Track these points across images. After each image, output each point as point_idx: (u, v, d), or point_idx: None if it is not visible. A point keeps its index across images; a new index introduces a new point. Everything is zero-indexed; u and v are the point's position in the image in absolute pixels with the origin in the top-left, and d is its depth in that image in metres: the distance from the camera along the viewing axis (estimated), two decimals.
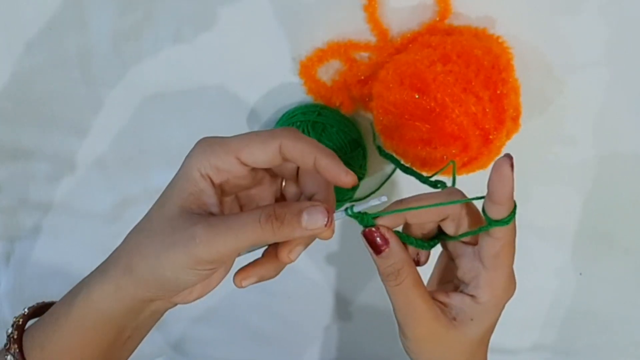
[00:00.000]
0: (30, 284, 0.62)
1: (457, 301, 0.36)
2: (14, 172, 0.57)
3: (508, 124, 0.44)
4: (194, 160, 0.33)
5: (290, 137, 0.32)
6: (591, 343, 0.59)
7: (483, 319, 0.36)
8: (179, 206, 0.32)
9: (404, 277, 0.35)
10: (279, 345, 0.63)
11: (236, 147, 0.32)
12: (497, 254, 0.34)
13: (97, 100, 0.54)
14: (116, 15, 0.51)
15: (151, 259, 0.32)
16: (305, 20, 0.50)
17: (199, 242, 0.31)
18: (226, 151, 0.33)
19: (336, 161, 0.32)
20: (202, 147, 0.33)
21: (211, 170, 0.33)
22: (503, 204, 0.33)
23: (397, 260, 0.35)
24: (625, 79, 0.49)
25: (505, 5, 0.48)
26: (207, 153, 0.33)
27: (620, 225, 0.54)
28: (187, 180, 0.33)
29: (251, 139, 0.33)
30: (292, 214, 0.32)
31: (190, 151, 0.34)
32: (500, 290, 0.35)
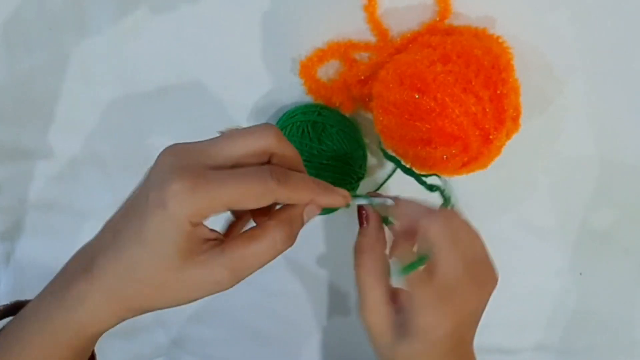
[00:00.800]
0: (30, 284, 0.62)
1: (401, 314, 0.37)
2: (14, 172, 0.57)
3: (508, 124, 0.44)
4: (181, 217, 0.29)
5: (287, 191, 0.31)
6: (591, 343, 0.59)
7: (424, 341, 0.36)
8: (180, 257, 0.30)
9: (366, 259, 0.37)
10: (279, 345, 0.63)
11: (228, 201, 0.29)
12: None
13: (97, 100, 0.54)
14: (116, 15, 0.51)
15: (162, 305, 0.32)
16: (305, 20, 0.50)
17: (224, 285, 0.31)
18: (216, 206, 0.29)
19: (331, 194, 0.34)
20: (185, 201, 0.29)
21: (201, 219, 0.30)
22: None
23: (368, 241, 0.37)
24: (626, 79, 0.49)
25: (505, 5, 0.48)
26: (194, 209, 0.29)
27: (620, 225, 0.54)
28: (181, 234, 0.29)
29: (245, 193, 0.29)
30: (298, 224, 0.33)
31: (165, 195, 0.29)
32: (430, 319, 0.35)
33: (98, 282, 0.31)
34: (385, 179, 0.54)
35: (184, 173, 0.29)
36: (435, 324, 0.35)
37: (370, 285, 0.37)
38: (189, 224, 0.29)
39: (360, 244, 0.38)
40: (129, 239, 0.30)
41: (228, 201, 0.29)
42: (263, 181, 0.30)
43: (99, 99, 0.54)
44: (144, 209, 0.30)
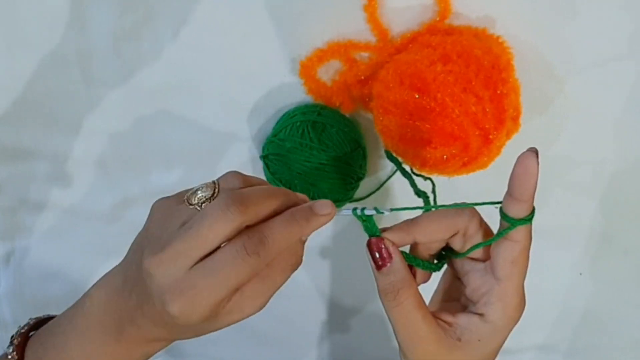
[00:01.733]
0: (30, 284, 0.62)
1: (463, 321, 0.34)
2: (14, 172, 0.57)
3: (508, 124, 0.44)
4: (196, 316, 0.31)
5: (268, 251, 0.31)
6: (591, 343, 0.59)
7: (490, 340, 0.34)
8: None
9: (404, 298, 0.33)
10: (278, 345, 0.63)
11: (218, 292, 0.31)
12: (515, 259, 0.33)
13: (97, 100, 0.54)
14: (116, 15, 0.51)
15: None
16: (305, 20, 0.50)
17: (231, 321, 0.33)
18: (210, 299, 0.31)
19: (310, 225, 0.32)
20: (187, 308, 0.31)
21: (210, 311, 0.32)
22: (526, 200, 0.31)
23: (398, 278, 0.34)
24: (625, 79, 0.49)
25: (505, 5, 0.47)
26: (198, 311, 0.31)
27: (620, 225, 0.54)
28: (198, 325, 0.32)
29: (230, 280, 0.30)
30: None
31: (171, 314, 0.31)
32: (512, 307, 0.34)
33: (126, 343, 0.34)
34: (385, 179, 0.54)
35: (177, 294, 0.30)
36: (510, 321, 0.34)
37: (421, 319, 0.34)
38: (202, 320, 0.31)
39: (393, 283, 0.34)
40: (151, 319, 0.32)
41: (219, 292, 0.30)
42: (241, 262, 0.30)
43: (99, 99, 0.54)
44: (158, 313, 0.31)
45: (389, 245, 0.34)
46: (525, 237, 0.33)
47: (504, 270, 0.33)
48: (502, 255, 0.33)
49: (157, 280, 0.30)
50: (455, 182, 0.47)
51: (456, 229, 0.34)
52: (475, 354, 0.34)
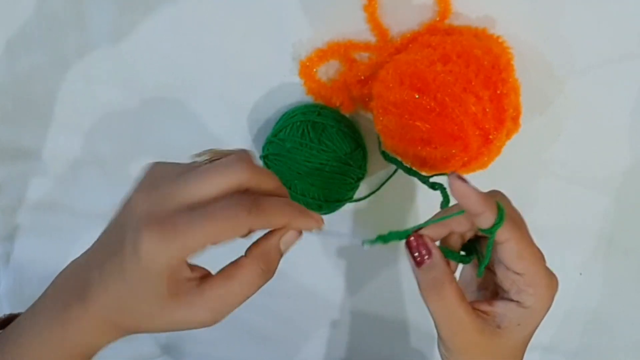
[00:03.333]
0: (30, 284, 0.62)
1: (501, 308, 0.35)
2: (14, 172, 0.57)
3: (508, 124, 0.44)
4: (158, 261, 0.29)
5: (260, 220, 0.31)
6: (590, 343, 0.59)
7: (530, 322, 0.35)
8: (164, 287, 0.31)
9: (447, 292, 0.34)
10: (278, 345, 0.63)
11: (202, 242, 0.29)
12: (519, 253, 0.33)
13: (97, 100, 0.54)
14: (116, 15, 0.51)
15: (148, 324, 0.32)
16: (305, 20, 0.50)
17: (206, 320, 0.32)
18: (191, 249, 0.30)
19: (305, 218, 0.33)
20: (157, 241, 0.29)
21: (180, 262, 0.31)
22: (482, 212, 0.32)
23: (440, 273, 0.34)
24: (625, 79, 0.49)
25: (505, 5, 0.47)
26: (169, 253, 0.29)
27: (620, 225, 0.54)
28: (158, 280, 0.30)
29: (218, 231, 0.29)
30: (276, 256, 0.33)
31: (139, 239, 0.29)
32: (543, 289, 0.34)
33: (92, 309, 0.32)
34: (385, 179, 0.54)
35: (154, 221, 0.29)
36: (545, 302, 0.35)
37: (464, 311, 0.34)
38: (166, 271, 0.30)
39: (435, 278, 0.34)
40: (113, 276, 0.31)
41: (201, 242, 0.29)
42: (234, 215, 0.30)
43: (98, 99, 0.54)
44: (121, 252, 0.30)
45: (428, 242, 0.35)
46: (510, 234, 0.33)
47: (517, 266, 0.34)
48: (505, 257, 0.34)
49: (138, 212, 0.30)
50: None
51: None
52: (515, 337, 0.35)
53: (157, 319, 0.32)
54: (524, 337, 0.35)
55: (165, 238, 0.29)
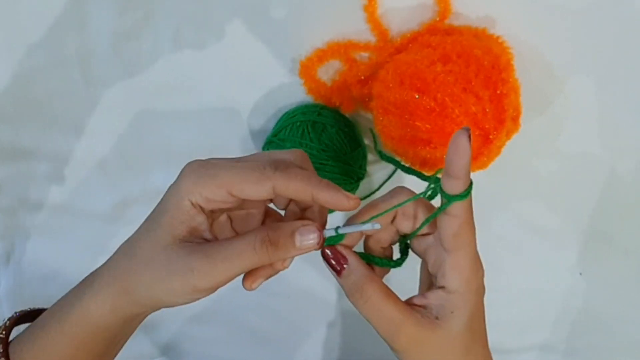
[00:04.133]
0: (30, 284, 0.62)
1: (433, 299, 0.35)
2: (14, 172, 0.57)
3: (508, 124, 0.44)
4: (184, 190, 0.32)
5: (283, 178, 0.32)
6: (591, 343, 0.59)
7: (462, 307, 0.34)
8: (171, 235, 0.33)
9: (370, 293, 0.34)
10: (279, 345, 0.63)
11: (228, 182, 0.32)
12: (457, 233, 0.33)
13: (97, 100, 0.54)
14: (116, 15, 0.51)
15: (149, 285, 0.33)
16: (305, 20, 0.50)
17: (197, 274, 0.32)
18: (218, 185, 0.32)
19: (334, 191, 0.32)
20: (191, 177, 0.33)
21: (202, 200, 0.33)
22: (460, 177, 0.32)
23: (359, 276, 0.34)
24: (626, 79, 0.49)
25: (505, 5, 0.47)
26: (198, 185, 0.32)
27: (620, 225, 0.54)
28: (179, 209, 0.33)
29: (244, 177, 0.32)
30: (286, 237, 0.33)
31: (178, 178, 0.33)
32: (467, 272, 0.34)
33: (105, 267, 0.35)
34: (385, 179, 0.54)
35: (198, 162, 0.33)
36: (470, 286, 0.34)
37: (392, 307, 0.34)
38: (188, 201, 0.32)
39: (355, 282, 0.34)
40: (139, 230, 0.34)
41: (226, 183, 0.32)
42: (261, 167, 0.32)
43: (99, 99, 0.54)
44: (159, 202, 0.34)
45: (341, 249, 0.35)
46: (464, 211, 0.33)
47: (449, 243, 0.34)
48: (444, 230, 0.34)
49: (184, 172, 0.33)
50: None
51: (393, 212, 0.36)
52: (456, 326, 0.34)
53: (156, 261, 0.32)
54: (464, 324, 0.34)
55: (200, 168, 0.32)
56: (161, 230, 0.33)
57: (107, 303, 0.34)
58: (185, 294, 0.32)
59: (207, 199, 0.32)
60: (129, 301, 0.34)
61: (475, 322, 0.35)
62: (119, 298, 0.34)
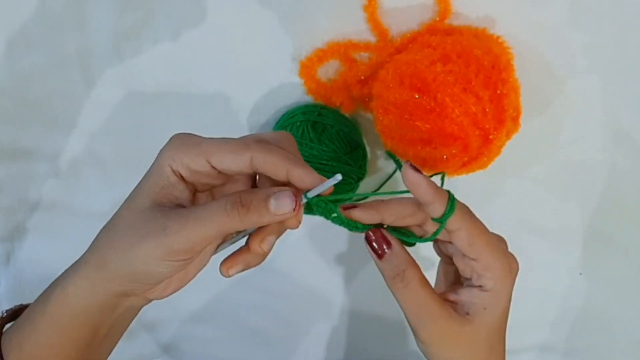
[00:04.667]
0: (30, 284, 0.62)
1: (466, 296, 0.35)
2: (14, 172, 0.57)
3: (508, 124, 0.44)
4: (166, 156, 0.33)
5: (262, 150, 0.32)
6: (591, 343, 0.59)
7: (495, 304, 0.35)
8: (150, 200, 0.33)
9: (411, 277, 0.34)
10: (278, 345, 0.62)
11: (207, 150, 0.33)
12: (471, 241, 0.34)
13: (97, 100, 0.54)
14: (116, 15, 0.51)
15: (123, 252, 0.32)
16: (305, 20, 0.50)
17: (169, 233, 0.31)
18: (197, 152, 0.33)
19: (307, 170, 0.32)
20: (174, 144, 0.34)
21: (182, 168, 0.33)
22: (432, 201, 0.33)
23: (401, 260, 0.35)
24: (625, 79, 0.49)
25: (505, 5, 0.48)
26: (179, 151, 0.33)
27: (620, 225, 0.54)
28: (159, 175, 0.33)
29: (223, 146, 0.33)
30: (259, 200, 0.32)
31: (163, 146, 0.34)
32: (500, 271, 0.35)
33: (89, 251, 0.34)
34: (385, 180, 0.54)
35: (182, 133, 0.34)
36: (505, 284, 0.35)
37: (430, 296, 0.35)
38: (168, 167, 0.33)
39: (397, 266, 0.35)
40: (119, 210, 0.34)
41: (205, 151, 0.32)
42: (242, 140, 0.33)
43: (99, 99, 0.54)
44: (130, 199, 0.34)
45: (386, 234, 0.35)
46: (462, 221, 0.34)
47: (471, 253, 0.34)
48: (459, 244, 0.35)
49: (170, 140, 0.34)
50: (455, 182, 0.47)
51: (422, 219, 0.36)
52: (486, 322, 0.35)
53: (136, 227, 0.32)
54: (495, 322, 0.35)
55: (187, 139, 0.33)
56: (141, 195, 0.33)
57: (85, 281, 0.33)
58: (159, 257, 0.32)
59: (187, 167, 0.33)
60: (105, 277, 0.33)
61: (503, 321, 0.36)
62: (96, 274, 0.33)
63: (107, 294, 0.34)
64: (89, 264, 0.34)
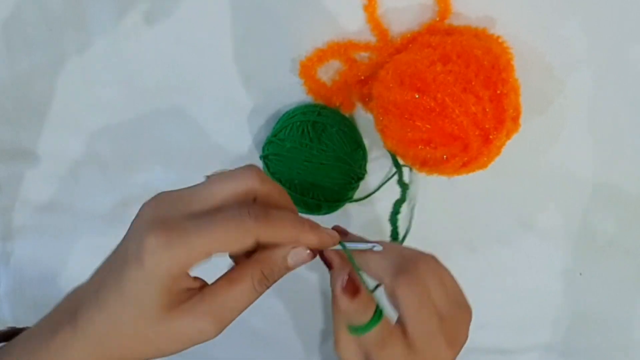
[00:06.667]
0: (30, 285, 0.62)
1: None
2: (14, 172, 0.57)
3: (508, 124, 0.44)
4: (161, 266, 0.29)
5: (265, 230, 0.30)
6: (591, 343, 0.59)
7: None
8: (160, 310, 0.30)
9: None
10: (279, 346, 0.62)
11: (205, 250, 0.29)
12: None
13: (97, 100, 0.54)
14: (116, 15, 0.51)
15: (144, 356, 0.31)
16: (305, 20, 0.50)
17: (207, 330, 0.31)
18: (195, 257, 0.29)
19: (317, 233, 0.32)
20: (160, 245, 0.28)
21: (184, 269, 0.30)
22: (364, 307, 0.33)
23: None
24: (626, 79, 0.49)
25: (505, 5, 0.47)
26: (173, 258, 0.29)
27: (620, 225, 0.54)
28: (159, 288, 0.29)
29: (222, 239, 0.29)
30: (280, 267, 0.32)
31: (141, 254, 0.29)
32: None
33: (82, 333, 0.31)
34: (385, 180, 0.54)
35: (160, 226, 0.29)
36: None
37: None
38: (168, 278, 0.29)
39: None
40: (110, 293, 0.30)
41: (207, 249, 0.29)
42: (240, 222, 0.29)
43: (98, 99, 0.54)
44: (123, 263, 0.30)
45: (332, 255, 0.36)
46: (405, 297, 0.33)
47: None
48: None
49: (144, 220, 0.29)
50: (455, 182, 0.47)
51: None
52: None
53: (153, 337, 0.30)
54: None
55: (171, 242, 0.28)
56: (147, 309, 0.30)
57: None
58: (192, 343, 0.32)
59: (186, 268, 0.30)
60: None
61: None
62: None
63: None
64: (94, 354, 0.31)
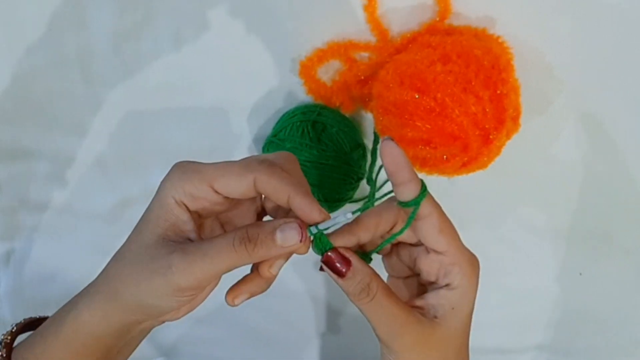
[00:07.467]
0: (30, 285, 0.62)
1: (432, 299, 0.35)
2: (14, 172, 0.57)
3: (508, 124, 0.44)
4: (168, 188, 0.33)
5: (265, 173, 0.32)
6: (591, 343, 0.59)
7: (462, 303, 0.34)
8: (156, 234, 0.33)
9: (376, 289, 0.33)
10: (279, 345, 0.63)
11: (210, 176, 0.32)
12: (441, 228, 0.34)
13: (97, 100, 0.54)
14: (116, 15, 0.51)
15: (132, 287, 0.32)
16: (305, 20, 0.50)
17: (176, 271, 0.31)
18: (200, 179, 0.32)
19: (308, 200, 0.32)
20: (176, 173, 0.33)
21: (186, 197, 0.33)
22: (409, 180, 0.32)
23: (364, 275, 0.33)
24: (625, 79, 0.49)
25: (505, 5, 0.48)
26: (182, 180, 0.33)
27: (620, 225, 0.54)
28: (162, 208, 0.33)
29: (226, 169, 0.32)
30: (266, 234, 0.32)
31: (164, 177, 0.34)
32: (466, 264, 0.34)
33: (100, 274, 0.35)
34: (385, 180, 0.54)
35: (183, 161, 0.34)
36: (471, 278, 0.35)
37: (396, 305, 0.34)
38: (171, 199, 0.32)
39: (361, 281, 0.33)
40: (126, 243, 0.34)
41: (208, 177, 0.32)
42: (245, 161, 0.33)
43: (99, 99, 0.54)
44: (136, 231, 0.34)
45: (343, 252, 0.34)
46: (433, 207, 0.34)
47: (439, 244, 0.34)
48: (428, 231, 0.34)
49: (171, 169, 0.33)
50: (455, 182, 0.47)
51: (395, 220, 0.35)
52: (454, 323, 0.34)
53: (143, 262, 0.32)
54: (462, 322, 0.35)
55: (186, 171, 0.33)
56: (146, 230, 0.33)
57: (99, 310, 0.34)
58: (167, 294, 0.32)
59: (190, 195, 0.32)
60: (118, 307, 0.33)
61: (468, 323, 0.36)
62: (109, 304, 0.33)
63: (121, 321, 0.34)
64: (102, 294, 0.34)
